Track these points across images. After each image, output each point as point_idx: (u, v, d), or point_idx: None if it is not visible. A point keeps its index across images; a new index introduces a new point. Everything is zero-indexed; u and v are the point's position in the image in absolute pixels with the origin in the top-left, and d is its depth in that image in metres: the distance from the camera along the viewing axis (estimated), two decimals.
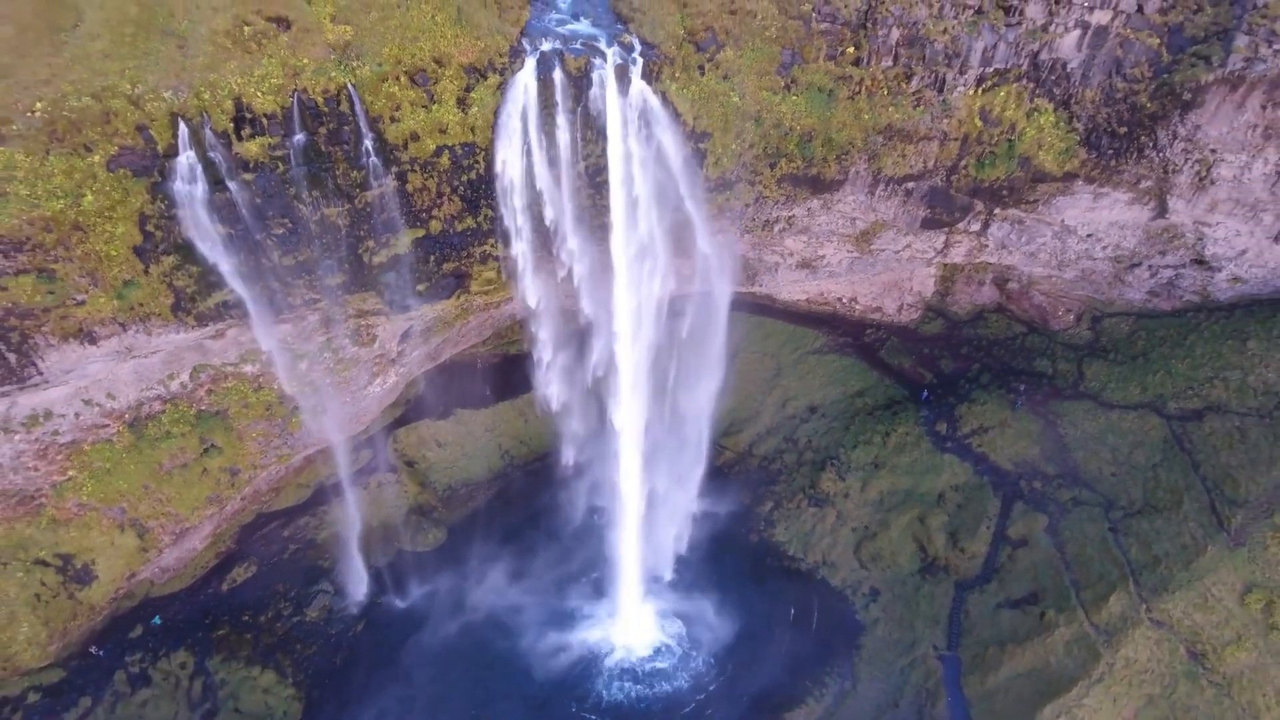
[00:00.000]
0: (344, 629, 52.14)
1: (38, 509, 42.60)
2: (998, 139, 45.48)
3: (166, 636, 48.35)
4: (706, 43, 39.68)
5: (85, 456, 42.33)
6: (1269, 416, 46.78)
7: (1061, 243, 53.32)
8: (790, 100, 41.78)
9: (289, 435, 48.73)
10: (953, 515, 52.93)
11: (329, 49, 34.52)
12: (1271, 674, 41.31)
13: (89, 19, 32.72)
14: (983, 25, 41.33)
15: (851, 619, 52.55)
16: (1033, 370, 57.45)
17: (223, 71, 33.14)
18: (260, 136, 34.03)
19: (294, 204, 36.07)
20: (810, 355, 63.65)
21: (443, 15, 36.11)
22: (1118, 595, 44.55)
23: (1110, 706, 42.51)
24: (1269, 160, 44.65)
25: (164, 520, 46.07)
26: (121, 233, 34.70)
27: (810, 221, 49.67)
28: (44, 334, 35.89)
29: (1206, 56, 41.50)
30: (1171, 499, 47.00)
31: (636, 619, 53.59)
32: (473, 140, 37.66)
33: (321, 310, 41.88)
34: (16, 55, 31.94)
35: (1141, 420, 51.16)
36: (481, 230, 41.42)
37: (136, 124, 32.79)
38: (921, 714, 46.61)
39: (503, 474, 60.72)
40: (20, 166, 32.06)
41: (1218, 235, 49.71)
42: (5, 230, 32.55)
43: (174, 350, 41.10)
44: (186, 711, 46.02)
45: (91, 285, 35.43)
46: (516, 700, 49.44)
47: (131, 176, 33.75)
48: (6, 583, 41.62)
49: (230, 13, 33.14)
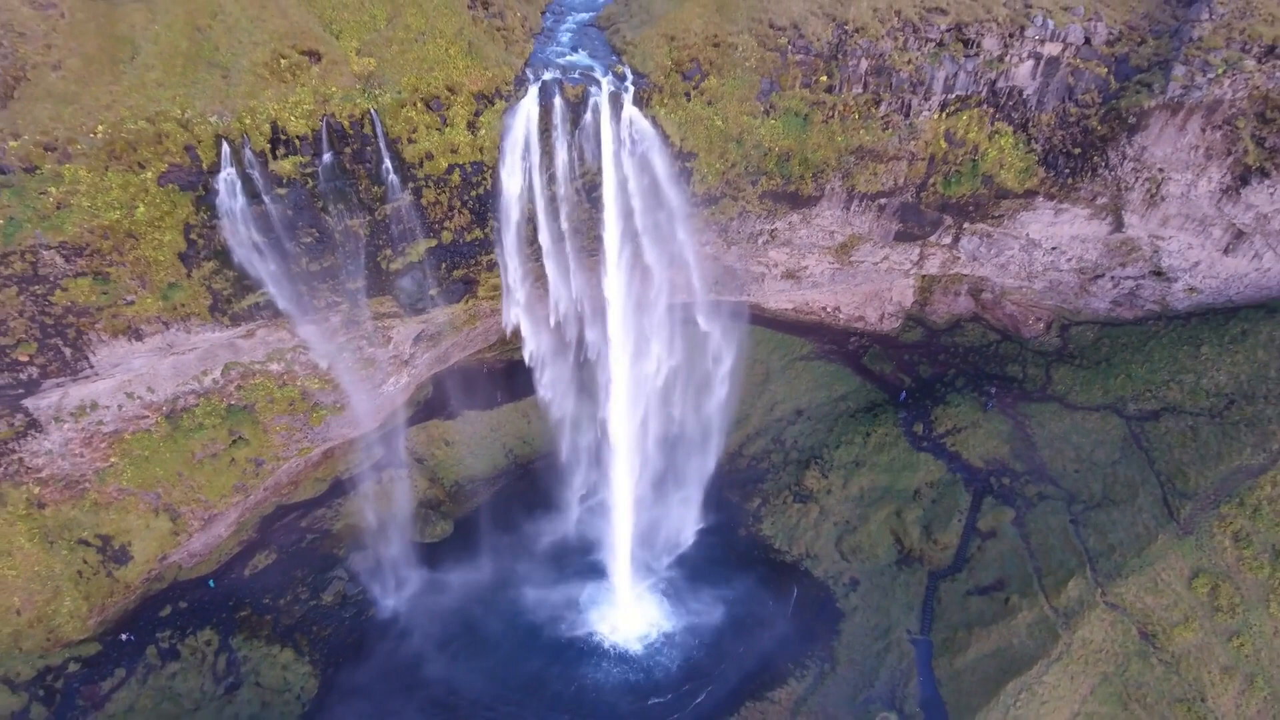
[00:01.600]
0: (357, 612, 55.76)
1: (81, 492, 46.67)
2: (962, 159, 49.46)
3: (193, 616, 52.08)
4: (692, 72, 43.95)
5: (126, 445, 46.45)
6: (1219, 416, 50.22)
7: (1029, 255, 57.15)
8: (769, 124, 45.93)
9: (310, 430, 52.71)
10: (927, 510, 56.35)
11: (355, 79, 38.88)
12: (1216, 652, 44.47)
13: (144, 52, 37.19)
14: (944, 56, 45.52)
15: (832, 607, 55.84)
16: (1004, 375, 61.09)
17: (261, 98, 37.46)
18: (293, 156, 38.29)
19: (321, 216, 40.30)
20: (798, 361, 67.43)
21: (455, 48, 40.48)
22: (1075, 581, 47.82)
23: (1068, 684, 45.66)
24: (1212, 178, 48.53)
25: (194, 506, 50.03)
26: (169, 240, 38.98)
27: (792, 234, 53.67)
28: (96, 331, 40.15)
29: (1149, 84, 45.60)
30: (1128, 492, 50.39)
31: (632, 606, 57.00)
32: (481, 159, 41.87)
33: (343, 312, 46.01)
34: (81, 84, 36.44)
35: (1103, 420, 54.63)
36: (489, 240, 45.52)
37: (185, 144, 37.09)
38: (895, 692, 49.78)
39: (506, 471, 64.51)
40: (83, 181, 36.44)
41: (1172, 248, 53.47)
42: (68, 237, 36.92)
43: (209, 348, 45.29)
44: (212, 684, 49.65)
45: (140, 287, 39.69)
46: (516, 678, 52.81)
47: (179, 190, 38.05)
48: (53, 559, 45.60)
49: (269, 47, 37.56)
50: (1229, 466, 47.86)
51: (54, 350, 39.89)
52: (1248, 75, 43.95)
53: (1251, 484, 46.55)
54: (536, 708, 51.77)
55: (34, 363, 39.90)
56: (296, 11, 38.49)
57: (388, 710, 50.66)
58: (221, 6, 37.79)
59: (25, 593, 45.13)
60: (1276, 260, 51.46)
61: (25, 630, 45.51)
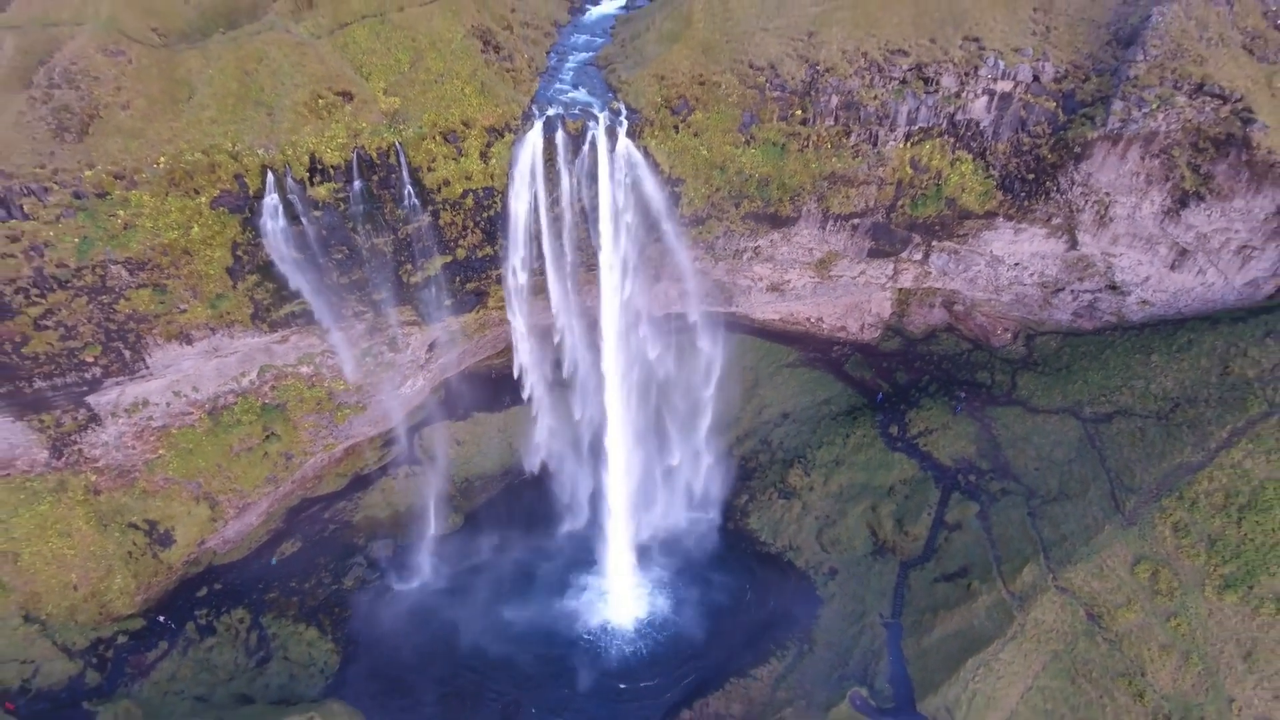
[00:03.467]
0: (374, 596, 60.72)
1: (132, 481, 52.00)
2: (927, 183, 54.49)
3: (227, 596, 57.25)
4: (680, 107, 49.26)
5: (172, 438, 51.79)
6: (1165, 418, 54.76)
7: (994, 270, 62.03)
8: (750, 153, 51.13)
9: (334, 427, 57.94)
10: (900, 505, 60.99)
11: (382, 115, 44.32)
12: (1155, 632, 48.77)
13: (200, 93, 42.78)
14: (906, 92, 50.68)
15: (812, 594, 60.45)
16: (974, 381, 65.82)
17: (301, 133, 42.92)
18: (328, 183, 43.73)
19: (351, 235, 45.69)
20: (785, 368, 72.37)
21: (470, 88, 45.94)
22: (1030, 567, 52.30)
23: (1022, 660, 50.05)
24: (1154, 201, 53.42)
25: (231, 495, 55.26)
26: (218, 256, 44.47)
27: (774, 251, 58.76)
28: (153, 335, 45.62)
29: (1092, 117, 50.62)
30: (1080, 487, 54.93)
31: (627, 593, 61.80)
32: (492, 185, 47.22)
33: (368, 320, 51.34)
34: (146, 121, 42.04)
35: (1062, 422, 59.26)
36: (498, 257, 50.79)
37: (234, 173, 42.62)
38: (867, 670, 54.24)
39: (513, 469, 69.50)
40: (146, 205, 41.98)
41: (1123, 264, 58.27)
42: (133, 253, 42.46)
43: (248, 352, 50.63)
44: (244, 657, 54.68)
45: (192, 297, 45.16)
46: (519, 658, 57.57)
47: (228, 213, 43.57)
48: (106, 541, 50.88)
49: (308, 89, 43.04)
50: (1171, 464, 52.32)
51: (115, 352, 45.37)
52: (1179, 110, 48.91)
53: (1190, 479, 50.93)
54: (538, 685, 56.48)
55: (98, 363, 45.38)
56: (332, 57, 44.03)
57: (402, 684, 55.50)
58: (267, 53, 43.30)
59: (82, 570, 50.39)
60: (1219, 275, 56.17)
61: (80, 604, 50.71)
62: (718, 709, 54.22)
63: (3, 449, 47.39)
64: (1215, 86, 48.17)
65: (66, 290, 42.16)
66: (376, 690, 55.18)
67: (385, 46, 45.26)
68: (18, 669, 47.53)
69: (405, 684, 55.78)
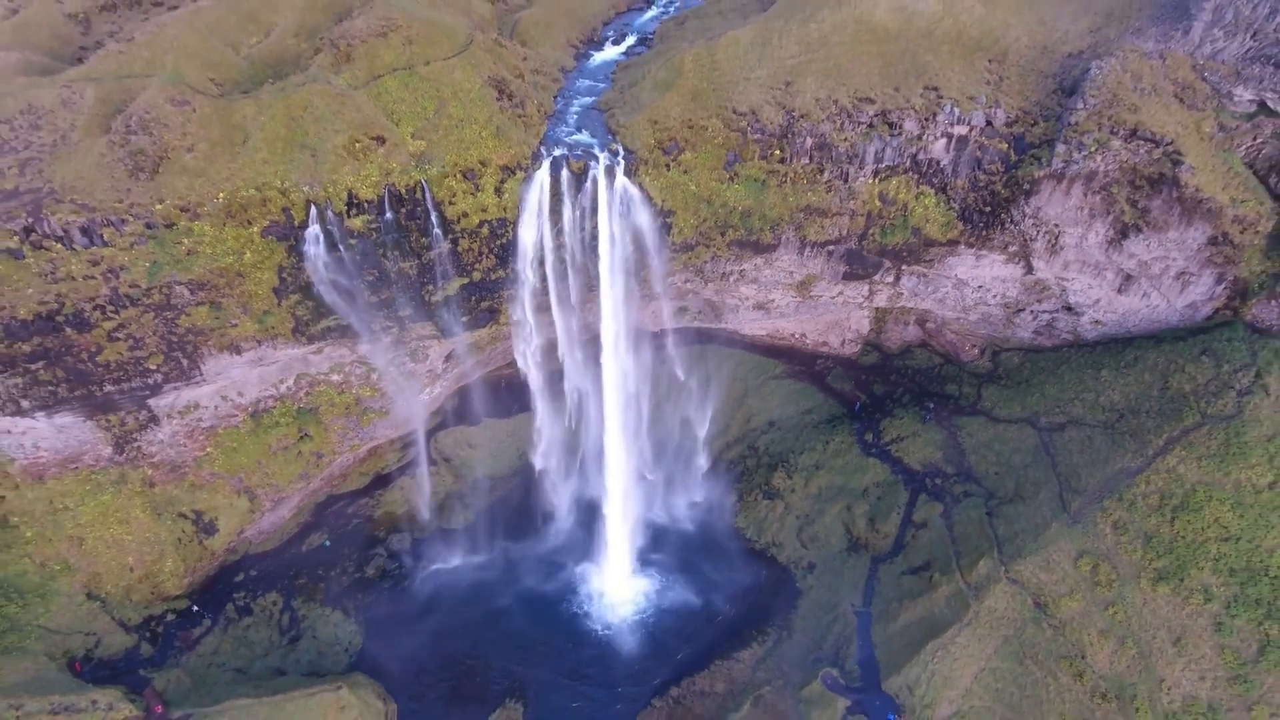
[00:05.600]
0: (394, 584, 66.79)
1: (182, 475, 58.40)
2: (894, 214, 60.61)
3: (261, 582, 63.41)
4: (671, 148, 55.65)
5: (219, 438, 58.22)
6: (1110, 428, 60.43)
7: (960, 292, 67.99)
8: (733, 188, 57.45)
9: (360, 430, 64.30)
10: (873, 505, 66.71)
11: (410, 157, 50.86)
12: (1095, 619, 54.23)
13: (254, 138, 49.46)
14: (873, 135, 56.91)
15: (792, 586, 66.14)
16: (944, 393, 71.66)
17: (340, 172, 49.47)
18: (362, 215, 50.24)
19: (381, 260, 52.17)
20: (772, 380, 78.38)
21: (486, 132, 52.44)
22: (985, 561, 57.90)
23: (976, 644, 55.56)
24: (1099, 232, 59.33)
25: (268, 489, 61.60)
26: (266, 278, 51.00)
27: (758, 274, 64.95)
28: (208, 346, 52.13)
29: (1039, 157, 56.72)
30: (1034, 490, 60.60)
31: (624, 583, 67.63)
32: (505, 217, 53.62)
33: (393, 334, 57.77)
34: (208, 162, 48.72)
35: (1020, 431, 64.99)
36: (509, 279, 57.16)
37: (282, 207, 49.20)
38: (839, 653, 59.80)
39: (520, 470, 75.56)
40: (207, 234, 48.59)
41: (1076, 288, 64.12)
42: (194, 276, 49.05)
43: (287, 361, 57.10)
44: (278, 635, 60.78)
45: (243, 313, 51.67)
46: (524, 640, 63.38)
47: (275, 241, 50.11)
48: (159, 528, 57.25)
49: (347, 134, 49.60)
50: (1114, 468, 57.97)
51: (175, 361, 51.92)
52: (1115, 152, 54.92)
53: (1130, 482, 56.53)
54: (542, 666, 62.25)
55: (160, 370, 51.92)
56: (367, 106, 50.68)
57: (417, 663, 61.38)
58: (311, 102, 49.99)
59: (138, 554, 56.74)
60: (1161, 298, 61.91)
61: (135, 585, 57.03)
62: (703, 687, 59.92)
63: (73, 445, 53.87)
64: (1147, 132, 54.15)
65: (137, 307, 48.75)
66: (394, 667, 60.95)
67: (413, 96, 51.86)
68: (82, 640, 53.78)
69: (420, 662, 61.60)
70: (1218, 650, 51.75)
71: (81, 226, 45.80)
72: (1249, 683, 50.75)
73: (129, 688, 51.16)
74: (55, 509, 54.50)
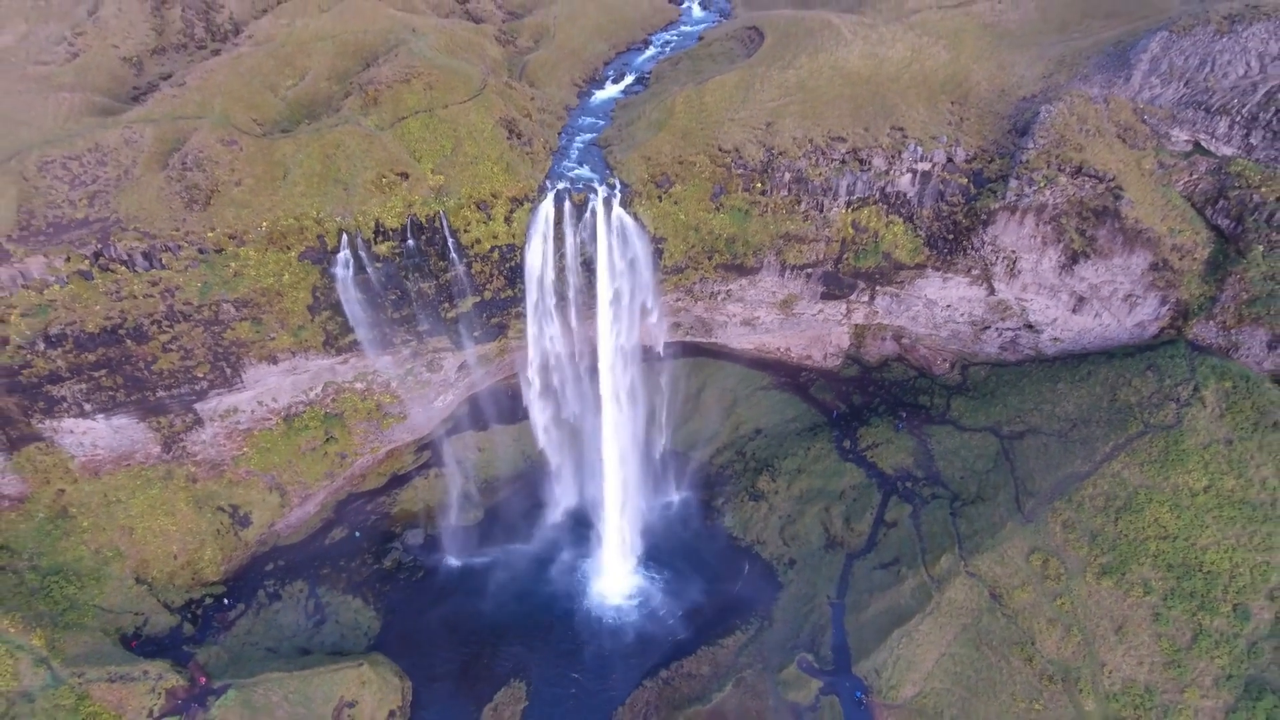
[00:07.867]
0: (409, 576, 72.82)
1: (221, 472, 64.73)
2: (866, 240, 66.73)
3: (289, 571, 69.53)
4: (663, 181, 61.97)
5: (254, 439, 64.56)
6: (1064, 436, 66.12)
7: (930, 311, 73.96)
8: (719, 217, 63.72)
9: (380, 433, 70.57)
10: (849, 506, 72.46)
11: (430, 190, 57.27)
12: (1044, 609, 59.74)
13: (293, 173, 55.96)
14: (845, 170, 63.15)
15: (774, 581, 71.83)
16: (916, 403, 77.47)
17: (369, 204, 55.88)
18: (387, 241, 56.65)
19: (404, 281, 58.56)
20: (759, 390, 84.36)
21: (498, 167, 58.84)
22: (947, 556, 63.53)
23: (937, 631, 61.14)
24: (1051, 258, 65.26)
25: (296, 486, 67.86)
26: (301, 297, 57.41)
27: (743, 294, 71.11)
28: (249, 357, 58.53)
29: (995, 191, 62.81)
30: (993, 492, 66.27)
31: (619, 575, 73.47)
32: (513, 242, 59.96)
33: (412, 347, 64.10)
34: (253, 194, 55.24)
35: (984, 439, 70.73)
36: (516, 298, 63.47)
37: (317, 234, 55.61)
38: (814, 640, 65.41)
39: (525, 473, 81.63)
40: (251, 259, 55.03)
41: (1034, 308, 69.99)
42: (240, 295, 55.50)
43: (317, 370, 63.47)
44: (304, 619, 66.85)
45: (280, 328, 58.08)
46: (528, 627, 69.16)
47: (310, 264, 56.52)
48: (200, 520, 63.55)
49: (375, 170, 56.05)
50: (1064, 472, 63.61)
51: (220, 370, 58.34)
52: (1062, 187, 60.98)
53: (1079, 485, 62.13)
54: (543, 650, 68.04)
55: (206, 378, 58.34)
56: (393, 145, 57.19)
57: (430, 646, 67.26)
58: (343, 142, 56.49)
59: (181, 543, 63.02)
60: (1112, 318, 67.70)
61: (178, 571, 63.27)
62: (690, 669, 65.64)
63: (126, 444, 60.31)
64: (1092, 169, 60.19)
65: (189, 322, 55.23)
66: (410, 650, 66.87)
67: (433, 136, 58.33)
68: (132, 619, 60.02)
69: (433, 645, 67.44)
70: (1155, 638, 57.20)
71: (143, 252, 52.33)
72: (1183, 667, 56.22)
73: (175, 661, 57.29)
74: (109, 501, 60.88)
